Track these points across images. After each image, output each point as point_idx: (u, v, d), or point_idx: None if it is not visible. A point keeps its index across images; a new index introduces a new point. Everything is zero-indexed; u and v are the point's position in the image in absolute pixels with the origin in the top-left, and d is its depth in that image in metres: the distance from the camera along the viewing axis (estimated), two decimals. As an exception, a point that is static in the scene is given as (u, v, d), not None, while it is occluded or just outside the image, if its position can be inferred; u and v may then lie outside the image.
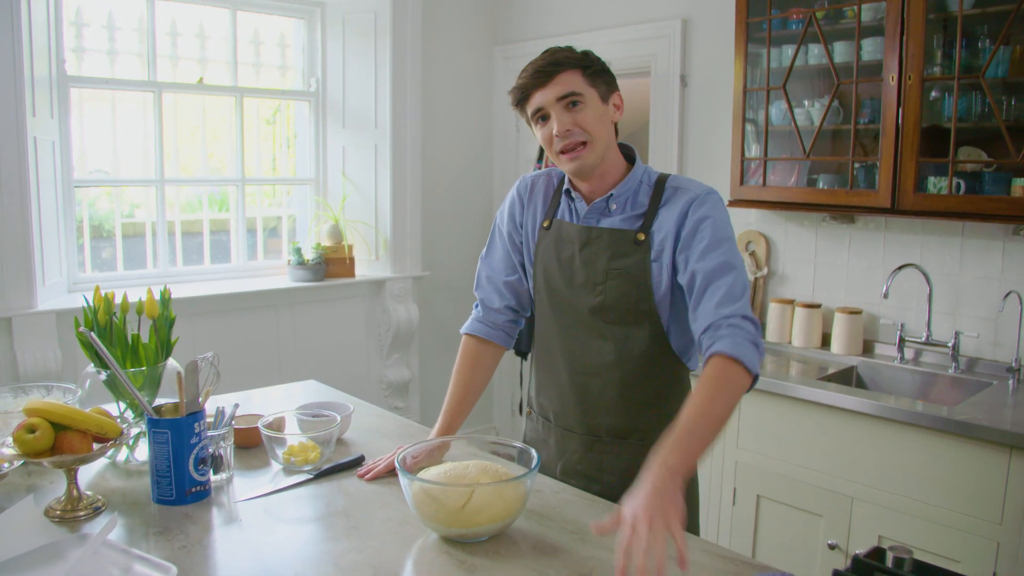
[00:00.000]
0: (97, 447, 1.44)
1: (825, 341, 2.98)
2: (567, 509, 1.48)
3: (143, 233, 3.52)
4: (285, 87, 3.89)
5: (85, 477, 1.59)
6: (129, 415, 1.69)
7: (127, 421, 1.59)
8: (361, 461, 1.68)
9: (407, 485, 1.34)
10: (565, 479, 1.66)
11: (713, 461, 2.75)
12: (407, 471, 1.37)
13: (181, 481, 1.46)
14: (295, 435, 1.69)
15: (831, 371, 2.78)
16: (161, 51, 3.45)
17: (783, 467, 2.57)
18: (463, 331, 1.77)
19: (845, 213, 2.88)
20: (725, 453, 2.72)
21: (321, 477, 1.62)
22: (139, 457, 1.66)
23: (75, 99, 3.24)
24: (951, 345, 2.67)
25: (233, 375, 3.29)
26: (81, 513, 1.42)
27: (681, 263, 1.51)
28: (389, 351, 3.98)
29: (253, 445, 1.78)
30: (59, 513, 1.42)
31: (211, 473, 1.55)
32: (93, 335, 1.50)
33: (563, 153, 1.54)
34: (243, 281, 3.67)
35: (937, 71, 2.51)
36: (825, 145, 2.85)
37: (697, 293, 1.49)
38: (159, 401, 1.61)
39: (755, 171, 2.98)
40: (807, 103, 2.86)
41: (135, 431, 1.62)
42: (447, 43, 4.07)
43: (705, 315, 1.46)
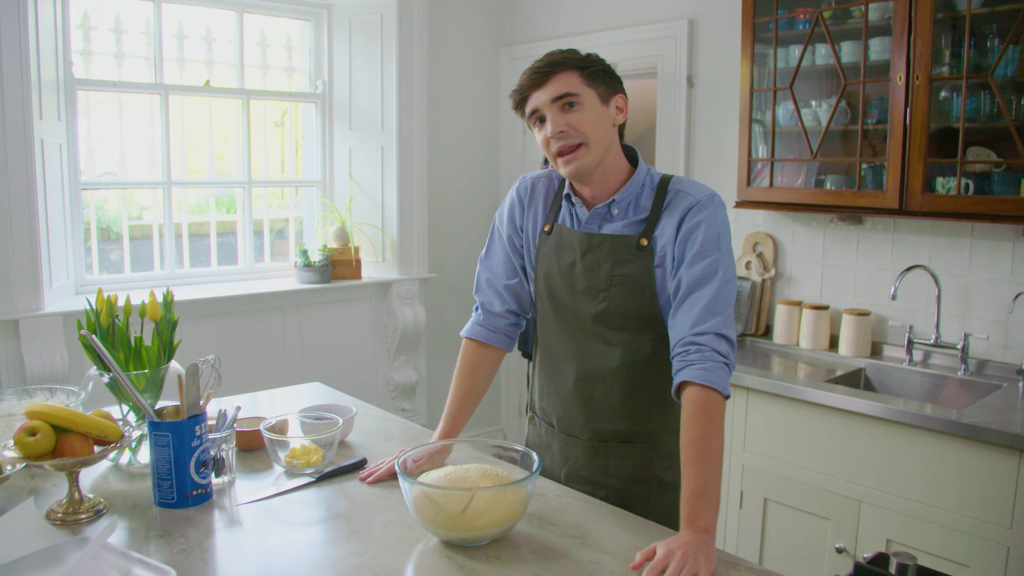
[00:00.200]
0: (98, 450, 1.44)
1: (833, 343, 2.96)
2: (569, 513, 1.47)
3: (151, 235, 3.53)
4: (292, 89, 3.90)
5: (88, 480, 1.59)
6: (132, 418, 1.69)
7: (129, 424, 1.59)
8: (363, 464, 1.67)
9: (407, 489, 1.33)
10: (570, 484, 1.64)
11: (720, 464, 2.73)
12: (407, 475, 1.36)
13: (182, 484, 1.46)
14: (297, 438, 1.68)
15: (839, 373, 2.76)
16: (168, 54, 3.46)
17: (790, 470, 2.55)
18: (463, 334, 1.76)
19: (853, 214, 2.86)
20: (732, 456, 2.70)
21: (323, 480, 1.62)
22: (142, 460, 1.66)
23: (82, 102, 3.26)
24: (960, 347, 2.65)
25: (239, 377, 3.32)
26: (82, 516, 1.42)
27: (673, 268, 1.50)
28: (396, 353, 3.98)
29: (256, 448, 1.78)
30: (60, 516, 1.42)
31: (213, 476, 1.55)
32: (94, 338, 1.50)
33: (559, 156, 1.52)
34: (250, 283, 3.67)
35: (945, 71, 2.48)
36: (832, 146, 2.83)
37: (677, 302, 1.48)
38: (161, 404, 1.61)
39: (762, 172, 2.97)
40: (814, 103, 2.84)
41: (137, 434, 1.62)
42: (453, 45, 4.07)
43: (679, 329, 1.46)
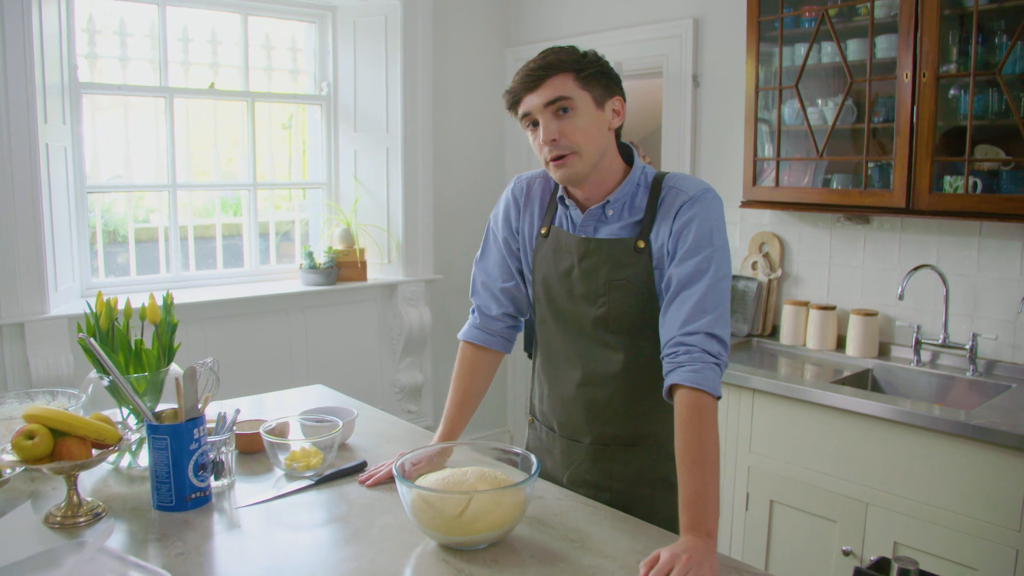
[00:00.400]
0: (96, 453, 1.44)
1: (840, 343, 2.94)
2: (569, 516, 1.46)
3: (157, 238, 3.53)
4: (297, 91, 3.90)
5: (88, 483, 1.59)
6: (132, 421, 1.69)
7: (129, 427, 1.59)
8: (363, 467, 1.67)
9: (405, 492, 1.32)
10: (573, 489, 1.62)
11: (726, 465, 2.71)
12: (405, 478, 1.35)
13: (181, 487, 1.46)
14: (296, 440, 1.68)
15: (846, 374, 2.74)
16: (173, 57, 3.46)
17: (797, 472, 2.53)
18: (460, 337, 1.75)
19: (860, 214, 2.84)
20: (738, 458, 2.68)
21: (323, 483, 1.61)
22: (142, 463, 1.66)
23: (88, 105, 3.26)
24: (969, 347, 2.62)
25: (245, 379, 3.32)
26: (81, 519, 1.42)
27: (667, 266, 1.48)
28: (402, 355, 3.97)
29: (256, 451, 1.78)
30: (59, 519, 1.41)
31: (212, 479, 1.55)
32: (92, 341, 1.50)
33: (552, 162, 1.49)
34: (255, 285, 3.67)
35: (952, 68, 2.46)
36: (839, 145, 2.81)
37: (668, 300, 1.45)
38: (161, 407, 1.61)
39: (768, 171, 2.94)
40: (820, 102, 2.81)
41: (135, 437, 1.61)
42: (458, 46, 4.06)
43: (668, 329, 1.43)
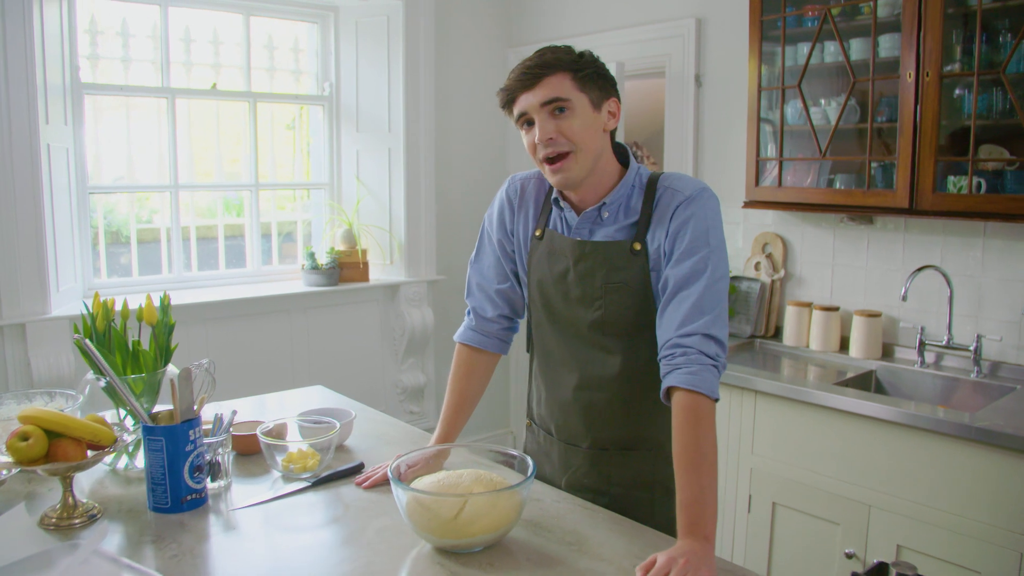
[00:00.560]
0: (91, 454, 1.43)
1: (843, 345, 2.92)
2: (566, 519, 1.45)
3: (159, 239, 3.53)
4: (299, 92, 3.90)
5: (84, 484, 1.59)
6: (128, 422, 1.68)
7: (126, 428, 1.59)
8: (360, 469, 1.66)
9: (400, 495, 1.31)
10: (571, 492, 1.61)
11: (728, 468, 2.70)
12: (401, 480, 1.34)
13: (176, 489, 1.45)
14: (293, 442, 1.67)
15: (849, 375, 2.72)
16: (175, 57, 3.46)
17: (799, 474, 2.51)
18: (456, 339, 1.73)
19: (863, 214, 2.82)
20: (740, 460, 2.66)
21: (319, 485, 1.60)
22: (139, 464, 1.65)
23: (90, 106, 3.27)
24: (973, 349, 2.60)
25: (246, 380, 3.32)
26: (76, 521, 1.41)
27: (664, 267, 1.46)
28: (404, 356, 3.96)
29: (254, 452, 1.77)
30: (54, 521, 1.41)
31: (208, 480, 1.54)
32: (87, 342, 1.50)
33: (547, 163, 1.47)
34: (257, 286, 3.67)
35: (956, 67, 2.44)
36: (842, 144, 2.79)
37: (664, 301, 1.43)
38: (158, 408, 1.60)
39: (771, 171, 2.93)
40: (823, 102, 2.80)
41: (131, 438, 1.61)
42: (460, 46, 4.06)
43: (665, 330, 1.42)
